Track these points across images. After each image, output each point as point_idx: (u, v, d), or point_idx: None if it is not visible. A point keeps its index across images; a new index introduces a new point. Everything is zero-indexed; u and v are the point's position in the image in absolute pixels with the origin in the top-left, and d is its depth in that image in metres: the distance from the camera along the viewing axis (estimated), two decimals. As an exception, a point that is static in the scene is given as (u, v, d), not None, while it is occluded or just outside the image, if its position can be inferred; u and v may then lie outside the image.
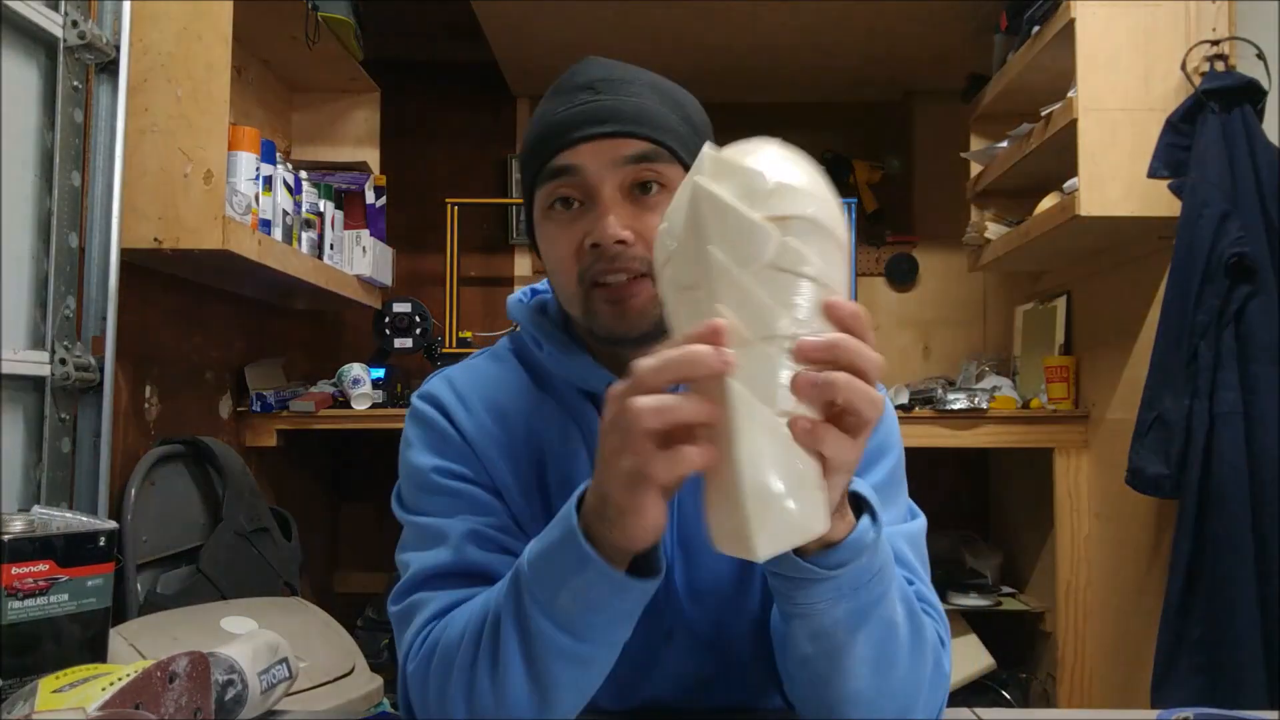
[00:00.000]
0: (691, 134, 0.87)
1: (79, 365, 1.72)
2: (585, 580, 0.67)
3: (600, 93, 0.84)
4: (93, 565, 1.08)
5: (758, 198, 0.61)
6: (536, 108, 0.90)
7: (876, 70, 3.22)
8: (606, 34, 2.93)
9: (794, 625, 0.74)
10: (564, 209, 0.85)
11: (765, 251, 0.60)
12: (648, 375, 0.60)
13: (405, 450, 0.92)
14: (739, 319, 0.59)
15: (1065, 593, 2.50)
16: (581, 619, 0.70)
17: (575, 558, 0.67)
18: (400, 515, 0.91)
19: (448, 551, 0.84)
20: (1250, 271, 1.77)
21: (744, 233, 0.60)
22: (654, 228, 0.80)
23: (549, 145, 0.84)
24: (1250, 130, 1.83)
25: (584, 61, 0.89)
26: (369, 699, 1.77)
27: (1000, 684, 2.79)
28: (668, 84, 0.89)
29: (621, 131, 0.82)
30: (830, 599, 0.69)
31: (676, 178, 0.83)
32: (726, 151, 0.64)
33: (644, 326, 0.83)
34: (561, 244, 0.85)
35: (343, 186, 2.67)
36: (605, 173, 0.83)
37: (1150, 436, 1.89)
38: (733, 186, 0.61)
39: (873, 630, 0.72)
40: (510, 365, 0.95)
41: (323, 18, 2.45)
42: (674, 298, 0.64)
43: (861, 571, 0.69)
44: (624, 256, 0.82)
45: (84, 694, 0.81)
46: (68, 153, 1.75)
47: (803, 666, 0.76)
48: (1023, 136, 2.38)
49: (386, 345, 2.88)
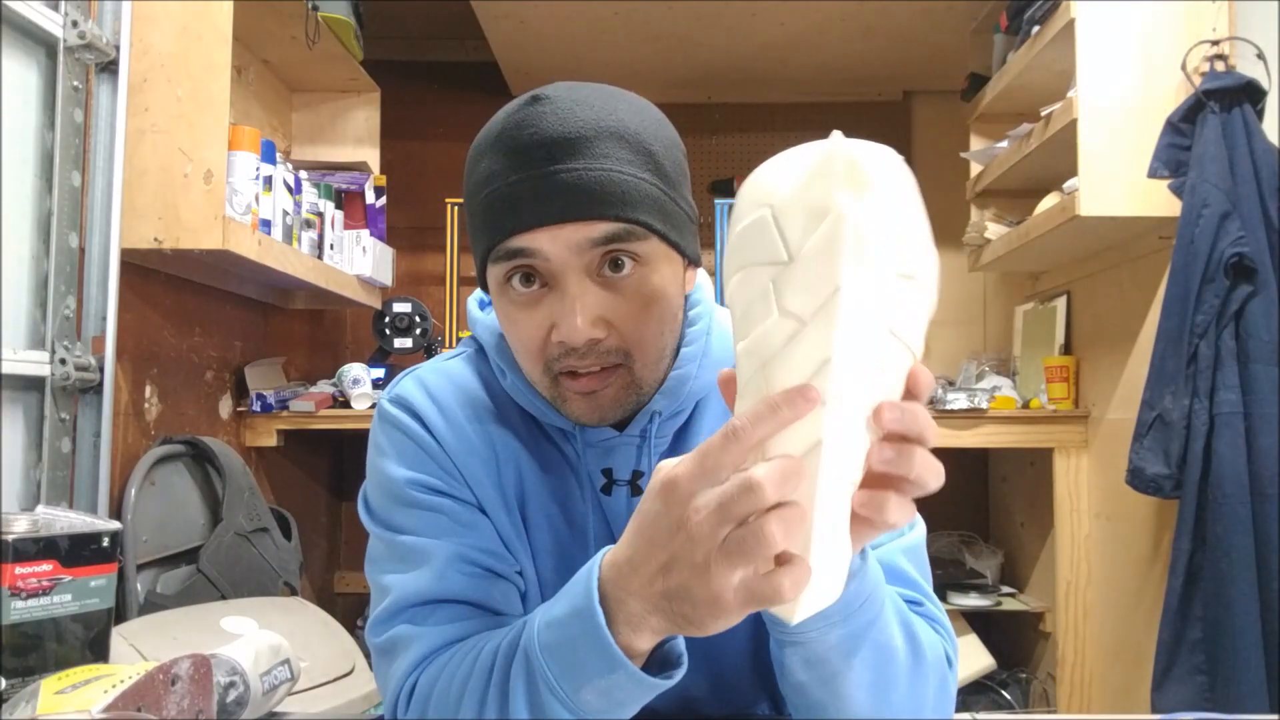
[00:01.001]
0: (666, 191, 0.76)
1: (79, 365, 1.72)
2: (613, 682, 0.63)
3: (557, 161, 0.72)
4: (96, 565, 1.08)
5: (894, 238, 0.54)
6: (478, 153, 0.77)
7: (876, 70, 3.22)
8: (606, 34, 2.93)
9: (788, 653, 0.71)
10: (524, 286, 0.75)
11: (893, 315, 0.54)
12: (730, 457, 0.54)
13: (377, 457, 0.87)
14: (844, 371, 0.53)
15: (1065, 593, 2.50)
16: (606, 711, 0.66)
17: (603, 659, 0.62)
18: (370, 526, 0.86)
19: (430, 577, 0.79)
20: (1250, 271, 1.77)
21: (881, 285, 0.54)
22: (629, 315, 0.75)
23: (499, 224, 0.74)
24: (1250, 130, 1.83)
25: (533, 104, 0.75)
26: (369, 699, 1.77)
27: (1000, 684, 2.79)
28: (632, 119, 0.76)
29: (583, 216, 0.72)
30: (821, 627, 0.67)
31: (651, 252, 0.75)
32: (857, 151, 0.55)
33: (617, 416, 0.79)
34: (523, 329, 0.76)
35: (343, 186, 2.67)
36: (570, 257, 0.73)
37: (1150, 436, 1.89)
38: (874, 214, 0.54)
39: (868, 655, 0.70)
40: (485, 372, 0.89)
41: (323, 18, 2.45)
42: (768, 315, 0.55)
43: (851, 598, 0.66)
44: (595, 352, 0.75)
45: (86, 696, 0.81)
46: (68, 153, 1.75)
47: (800, 693, 0.74)
48: (1023, 136, 2.38)
49: (386, 345, 2.88)
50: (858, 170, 0.54)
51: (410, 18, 3.18)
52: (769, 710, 0.91)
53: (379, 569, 0.83)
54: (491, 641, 0.74)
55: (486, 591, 0.80)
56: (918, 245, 0.56)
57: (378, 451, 0.87)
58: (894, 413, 0.55)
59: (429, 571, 0.79)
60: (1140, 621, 2.17)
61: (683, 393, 0.84)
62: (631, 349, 0.76)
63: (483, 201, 0.75)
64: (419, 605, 0.79)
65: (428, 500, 0.82)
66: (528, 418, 0.87)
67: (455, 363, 0.91)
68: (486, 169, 0.76)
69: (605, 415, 0.78)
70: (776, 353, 0.55)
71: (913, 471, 0.56)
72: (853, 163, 0.54)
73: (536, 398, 0.83)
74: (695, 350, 0.85)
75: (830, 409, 0.53)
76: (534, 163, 0.72)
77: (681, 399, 0.85)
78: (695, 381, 0.84)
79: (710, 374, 0.85)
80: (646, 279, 0.76)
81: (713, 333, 0.87)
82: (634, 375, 0.78)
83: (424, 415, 0.85)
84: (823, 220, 0.53)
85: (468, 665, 0.74)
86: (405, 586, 0.80)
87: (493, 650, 0.72)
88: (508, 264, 0.75)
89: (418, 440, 0.85)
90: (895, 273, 0.54)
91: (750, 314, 0.57)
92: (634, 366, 0.77)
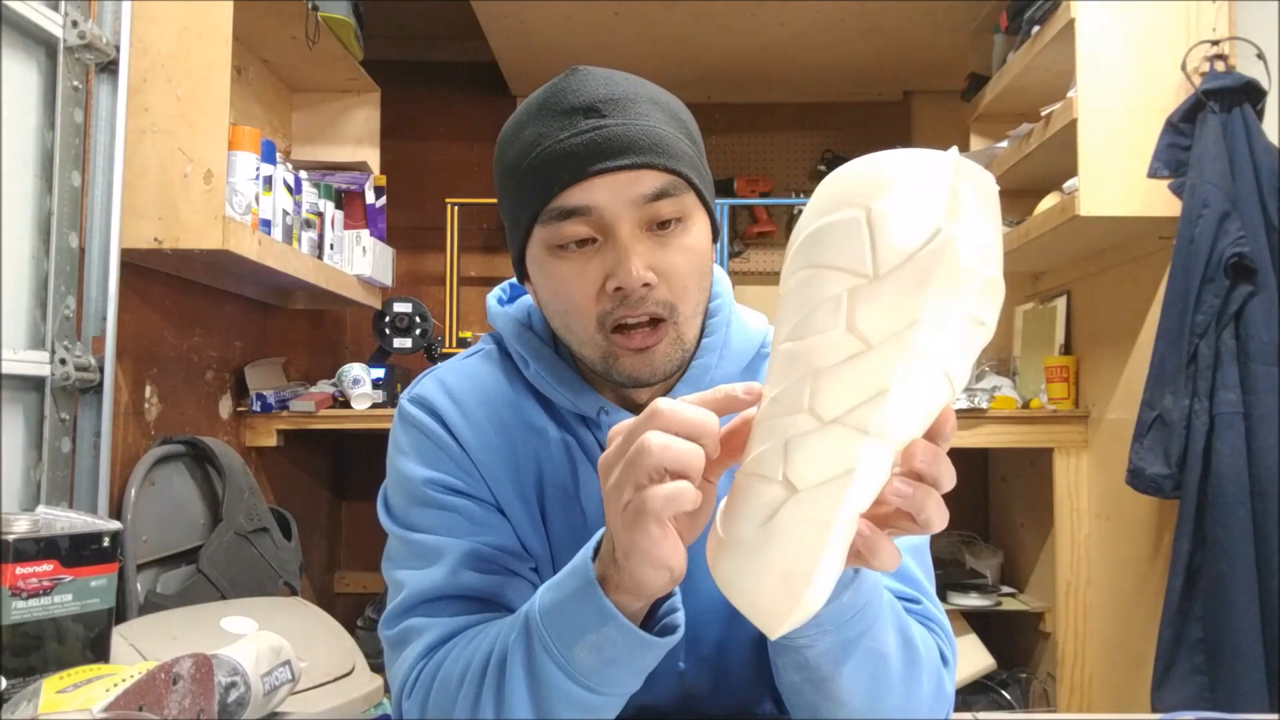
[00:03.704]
0: (698, 155, 0.82)
1: (79, 365, 1.72)
2: (604, 636, 0.65)
3: (606, 116, 0.76)
4: (96, 565, 1.08)
5: (982, 280, 0.52)
6: (519, 126, 0.81)
7: (876, 70, 3.22)
8: (606, 35, 2.93)
9: (778, 658, 0.73)
10: (578, 248, 0.78)
11: (952, 357, 0.53)
12: (669, 415, 0.58)
13: (396, 456, 0.88)
14: (897, 407, 0.52)
15: (1065, 593, 2.50)
16: (598, 673, 0.67)
17: (594, 612, 0.65)
18: (388, 525, 0.87)
19: (443, 573, 0.80)
20: (1250, 271, 1.77)
21: (955, 326, 0.51)
22: (675, 266, 0.78)
23: (552, 181, 0.76)
24: (1250, 130, 1.83)
25: (572, 74, 0.80)
26: (369, 699, 1.77)
27: (1000, 684, 2.79)
28: (663, 94, 0.82)
29: (638, 164, 0.76)
30: (811, 635, 0.68)
31: (691, 209, 0.79)
32: (983, 180, 0.52)
33: (666, 372, 0.81)
34: (577, 285, 0.78)
35: (343, 186, 2.67)
36: (623, 210, 0.76)
37: (1150, 436, 1.89)
38: (977, 250, 0.51)
39: (860, 662, 0.71)
40: (507, 368, 0.90)
41: (323, 18, 2.45)
42: (833, 327, 0.53)
43: (842, 610, 0.67)
44: (648, 300, 0.77)
45: (88, 695, 0.81)
46: (68, 153, 1.75)
47: (794, 693, 0.76)
48: (1023, 136, 2.39)
49: (386, 345, 2.88)
50: (981, 199, 0.51)
51: (410, 18, 3.18)
52: (772, 709, 0.92)
53: (394, 565, 0.85)
54: (495, 626, 0.75)
55: (500, 589, 0.81)
56: (997, 292, 0.54)
57: (397, 450, 0.88)
58: (926, 455, 0.55)
59: (443, 568, 0.80)
60: (1140, 621, 2.17)
61: (704, 381, 0.85)
62: (677, 302, 0.79)
63: (531, 163, 0.78)
64: (432, 600, 0.80)
65: (445, 500, 0.83)
66: (549, 408, 0.87)
67: (474, 360, 0.92)
68: (532, 135, 0.79)
69: (657, 369, 0.80)
70: (830, 367, 0.53)
71: (922, 514, 0.56)
72: (977, 189, 0.51)
73: (560, 383, 0.85)
74: (716, 340, 0.87)
75: (870, 440, 0.52)
76: (580, 122, 0.76)
77: (703, 388, 0.85)
78: (716, 371, 0.86)
79: (730, 365, 0.87)
80: (688, 233, 0.80)
81: (732, 325, 0.90)
82: (679, 330, 0.81)
83: (444, 414, 0.86)
84: (925, 245, 0.50)
85: (472, 648, 0.75)
86: (419, 582, 0.81)
87: (495, 633, 0.74)
88: (562, 223, 0.77)
89: (436, 440, 0.86)
90: (970, 315, 0.53)
91: (811, 319, 0.54)
92: (679, 320, 0.80)
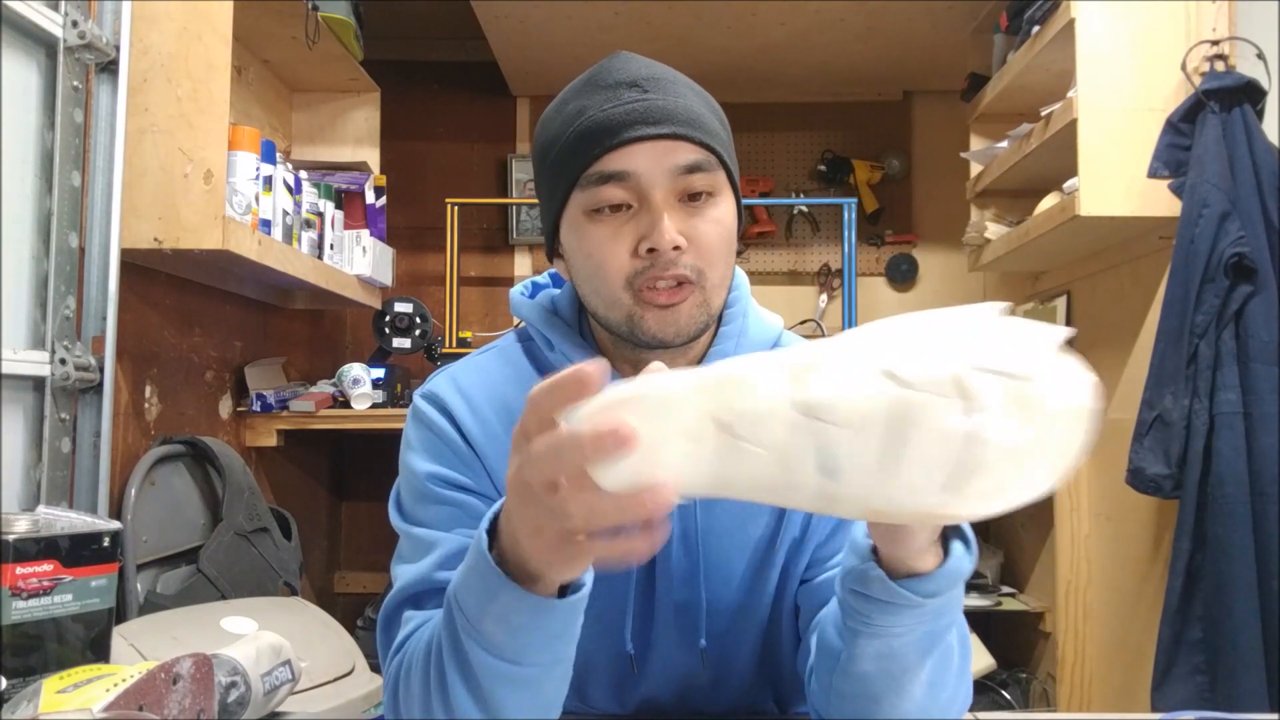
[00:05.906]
0: (729, 140, 0.86)
1: (79, 365, 1.72)
2: (503, 606, 0.63)
3: (648, 91, 0.82)
4: (97, 565, 1.08)
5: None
6: (562, 103, 0.86)
7: (876, 70, 3.22)
8: (607, 35, 2.93)
9: (861, 644, 0.71)
10: (612, 213, 0.82)
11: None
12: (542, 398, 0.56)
13: (405, 451, 0.89)
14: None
15: (1065, 593, 2.50)
16: (512, 643, 0.65)
17: (490, 584, 0.63)
18: (397, 524, 0.87)
19: (431, 566, 0.80)
20: (1250, 271, 1.77)
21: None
22: (705, 235, 0.82)
23: (594, 145, 0.81)
24: (1250, 130, 1.83)
25: (616, 57, 0.86)
26: (369, 699, 1.77)
27: (1000, 684, 2.79)
28: (699, 86, 0.88)
29: (677, 134, 0.80)
30: (911, 624, 0.68)
31: (720, 186, 0.84)
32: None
33: (690, 331, 0.83)
34: (611, 247, 0.82)
35: (343, 186, 2.67)
36: (660, 178, 0.81)
37: (1150, 436, 1.89)
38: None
39: (936, 655, 0.72)
40: (520, 365, 0.91)
41: (323, 18, 2.45)
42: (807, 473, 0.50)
43: (949, 600, 0.68)
44: (678, 263, 0.81)
45: (88, 695, 0.81)
46: (68, 153, 1.75)
47: (859, 683, 0.74)
48: (1023, 136, 2.38)
49: (386, 345, 2.88)
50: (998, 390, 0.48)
51: (410, 18, 3.18)
52: (773, 707, 0.92)
53: (395, 560, 0.86)
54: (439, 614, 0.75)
55: None
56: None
57: (406, 446, 0.89)
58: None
59: (432, 560, 0.81)
60: (1140, 621, 2.17)
61: None
62: (705, 268, 0.83)
63: (574, 132, 0.82)
64: (419, 592, 0.81)
65: (447, 495, 0.84)
66: None
67: (488, 356, 0.93)
68: (576, 107, 0.84)
69: (681, 328, 0.83)
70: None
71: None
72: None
73: (585, 359, 0.85)
74: (733, 329, 0.90)
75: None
76: (623, 95, 0.82)
77: None
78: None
79: (747, 353, 0.87)
80: (718, 207, 0.84)
81: (749, 317, 0.92)
82: (705, 295, 0.83)
83: (453, 411, 0.87)
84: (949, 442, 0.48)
85: (423, 634, 0.75)
86: (410, 575, 0.81)
87: (438, 618, 0.73)
88: (601, 187, 0.81)
89: (443, 435, 0.86)
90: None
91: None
92: (705, 286, 0.83)
